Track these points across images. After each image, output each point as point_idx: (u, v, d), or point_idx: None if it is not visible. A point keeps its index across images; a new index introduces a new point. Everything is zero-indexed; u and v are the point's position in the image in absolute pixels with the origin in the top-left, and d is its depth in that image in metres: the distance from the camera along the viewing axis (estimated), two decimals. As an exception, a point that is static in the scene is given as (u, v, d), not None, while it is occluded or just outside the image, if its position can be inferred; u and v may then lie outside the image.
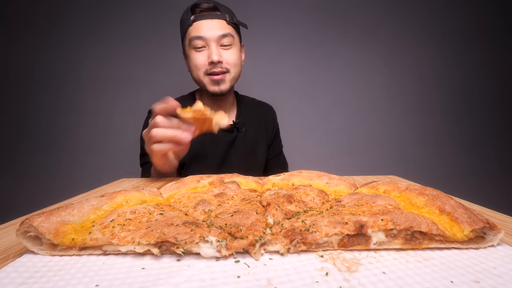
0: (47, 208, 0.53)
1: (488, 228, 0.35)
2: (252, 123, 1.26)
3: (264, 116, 1.33)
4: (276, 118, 1.40)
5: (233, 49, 1.06)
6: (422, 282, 0.28)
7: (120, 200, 0.47)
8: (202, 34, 1.01)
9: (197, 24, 1.02)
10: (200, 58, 1.04)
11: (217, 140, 1.15)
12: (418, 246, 0.36)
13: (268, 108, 1.39)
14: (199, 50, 1.04)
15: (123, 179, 0.85)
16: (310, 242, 0.35)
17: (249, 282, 0.29)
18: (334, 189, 0.58)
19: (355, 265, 0.32)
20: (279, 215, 0.43)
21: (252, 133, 1.24)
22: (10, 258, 0.35)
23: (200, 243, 0.34)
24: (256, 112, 1.31)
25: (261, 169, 1.29)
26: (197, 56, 1.04)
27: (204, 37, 1.01)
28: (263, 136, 1.29)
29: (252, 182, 0.64)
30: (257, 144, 1.26)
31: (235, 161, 1.19)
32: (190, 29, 1.04)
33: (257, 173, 1.25)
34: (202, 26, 1.02)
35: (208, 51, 1.03)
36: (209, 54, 1.02)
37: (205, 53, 1.03)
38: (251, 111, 1.29)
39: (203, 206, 0.46)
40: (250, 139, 1.23)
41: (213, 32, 1.02)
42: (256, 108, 1.33)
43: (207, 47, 1.03)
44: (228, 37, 1.04)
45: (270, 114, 1.37)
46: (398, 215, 0.37)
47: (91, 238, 0.35)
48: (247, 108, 1.29)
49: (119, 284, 0.29)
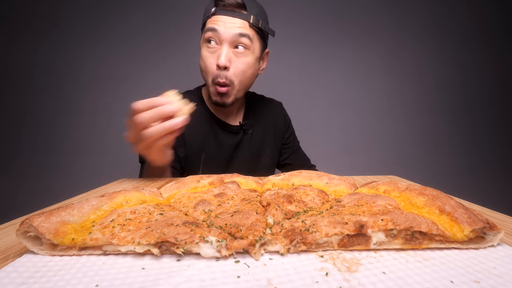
0: (47, 208, 0.53)
1: (488, 228, 0.35)
2: (259, 124, 1.19)
3: (272, 115, 1.25)
4: (287, 114, 1.32)
5: (246, 57, 0.96)
6: (422, 282, 0.28)
7: (120, 200, 0.47)
8: (216, 27, 0.92)
9: (216, 18, 0.93)
10: (209, 60, 0.95)
11: (222, 143, 1.10)
12: (418, 246, 0.36)
13: (277, 105, 1.30)
14: (210, 46, 0.95)
15: (123, 179, 0.85)
16: (310, 242, 0.35)
17: (249, 282, 0.29)
18: (334, 189, 0.58)
19: (355, 265, 0.32)
20: (279, 215, 0.43)
21: (258, 135, 1.19)
22: (10, 258, 0.35)
23: (200, 243, 0.34)
24: (264, 111, 1.23)
25: (267, 172, 1.22)
26: (207, 56, 0.96)
27: (218, 31, 0.92)
28: (270, 138, 1.22)
29: (252, 182, 0.64)
30: (263, 146, 1.20)
31: (240, 164, 1.14)
32: (208, 21, 0.95)
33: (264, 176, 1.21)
34: (220, 20, 0.93)
35: (218, 52, 0.94)
36: (218, 55, 0.93)
37: (216, 54, 0.95)
38: (259, 111, 1.22)
39: (203, 206, 0.46)
40: (256, 142, 1.18)
41: (229, 30, 0.92)
42: (264, 106, 1.25)
43: (219, 47, 0.94)
44: (245, 38, 0.93)
45: (279, 111, 1.29)
46: (398, 215, 0.37)
47: (91, 238, 0.35)
48: (255, 107, 1.21)
49: (119, 284, 0.29)
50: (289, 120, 1.33)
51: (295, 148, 1.32)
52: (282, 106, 1.34)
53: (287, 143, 1.30)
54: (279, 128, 1.26)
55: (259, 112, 1.23)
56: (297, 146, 1.34)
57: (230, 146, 1.12)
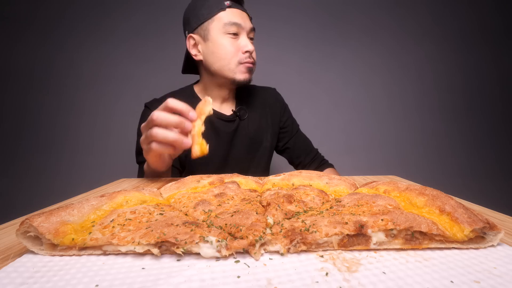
0: (47, 208, 0.53)
1: (488, 228, 0.35)
2: (254, 110, 1.21)
3: (266, 100, 1.27)
4: (283, 99, 1.34)
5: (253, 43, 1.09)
6: (422, 282, 0.28)
7: (120, 200, 0.47)
8: (238, 21, 1.02)
9: (231, 11, 1.02)
10: (234, 45, 1.03)
11: (219, 131, 1.11)
12: (418, 246, 0.36)
13: (270, 90, 1.32)
14: (233, 37, 1.03)
15: (123, 179, 0.85)
16: (310, 242, 0.35)
17: (249, 282, 0.29)
18: (334, 189, 0.58)
19: (355, 265, 0.32)
20: (279, 215, 0.43)
21: (255, 120, 1.20)
22: (10, 258, 0.35)
23: (200, 243, 0.34)
24: (257, 98, 1.25)
25: (266, 158, 1.23)
26: (231, 42, 1.03)
27: (241, 25, 1.02)
28: (268, 123, 1.23)
29: (252, 182, 0.64)
30: (262, 131, 1.21)
31: (239, 152, 1.15)
32: (223, 14, 1.02)
33: (263, 163, 1.21)
34: (237, 15, 1.03)
35: (242, 40, 1.04)
36: (245, 43, 1.03)
37: (237, 41, 1.03)
38: (252, 98, 1.24)
39: (203, 206, 0.46)
40: (254, 127, 1.19)
41: (246, 23, 1.04)
42: (257, 94, 1.27)
43: (239, 36, 1.04)
44: (254, 32, 1.09)
45: (273, 96, 1.31)
46: (398, 215, 0.37)
47: (91, 238, 0.35)
48: (247, 95, 1.24)
49: (119, 284, 0.29)
50: (285, 104, 1.33)
51: (294, 131, 1.31)
52: (276, 91, 1.34)
53: (285, 127, 1.29)
54: (275, 112, 1.27)
55: (253, 99, 1.24)
56: (297, 129, 1.33)
57: (228, 133, 1.14)
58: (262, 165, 1.22)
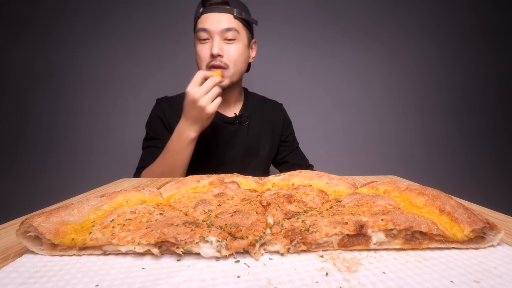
0: (47, 208, 0.53)
1: (488, 228, 0.35)
2: (257, 119, 1.24)
3: (271, 113, 1.30)
4: (287, 115, 1.38)
5: (236, 45, 1.07)
6: (422, 282, 0.28)
7: (120, 200, 0.47)
8: (206, 26, 1.04)
9: (204, 17, 1.05)
10: (203, 51, 1.06)
11: (218, 130, 1.14)
12: (418, 246, 0.36)
13: (277, 105, 1.37)
14: (204, 42, 1.06)
15: (123, 179, 0.85)
16: (310, 242, 0.35)
17: (249, 282, 0.29)
18: (334, 189, 0.58)
19: (355, 265, 0.32)
20: (279, 215, 0.43)
21: (255, 129, 1.23)
22: (10, 258, 0.35)
23: (200, 243, 0.34)
24: (263, 109, 1.29)
25: (262, 167, 1.26)
26: (200, 48, 1.07)
27: (208, 29, 1.04)
28: (268, 134, 1.26)
29: (252, 182, 0.64)
30: (260, 141, 1.24)
31: (234, 155, 1.17)
32: (198, 21, 1.07)
33: (259, 171, 1.23)
34: (208, 19, 1.04)
35: (211, 43, 1.05)
36: (210, 46, 1.05)
37: (208, 45, 1.06)
38: (258, 107, 1.28)
39: (203, 206, 0.46)
40: (253, 135, 1.22)
41: (217, 25, 1.04)
42: (263, 105, 1.31)
43: (211, 40, 1.05)
44: (232, 32, 1.05)
45: (279, 111, 1.35)
46: (398, 215, 0.37)
47: (91, 238, 0.35)
48: (254, 103, 1.28)
49: (119, 284, 0.29)
50: (289, 121, 1.38)
51: (294, 147, 1.35)
52: (283, 107, 1.39)
53: (287, 141, 1.33)
54: (277, 126, 1.30)
55: (258, 108, 1.28)
56: (296, 146, 1.38)
57: (226, 134, 1.17)
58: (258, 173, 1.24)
